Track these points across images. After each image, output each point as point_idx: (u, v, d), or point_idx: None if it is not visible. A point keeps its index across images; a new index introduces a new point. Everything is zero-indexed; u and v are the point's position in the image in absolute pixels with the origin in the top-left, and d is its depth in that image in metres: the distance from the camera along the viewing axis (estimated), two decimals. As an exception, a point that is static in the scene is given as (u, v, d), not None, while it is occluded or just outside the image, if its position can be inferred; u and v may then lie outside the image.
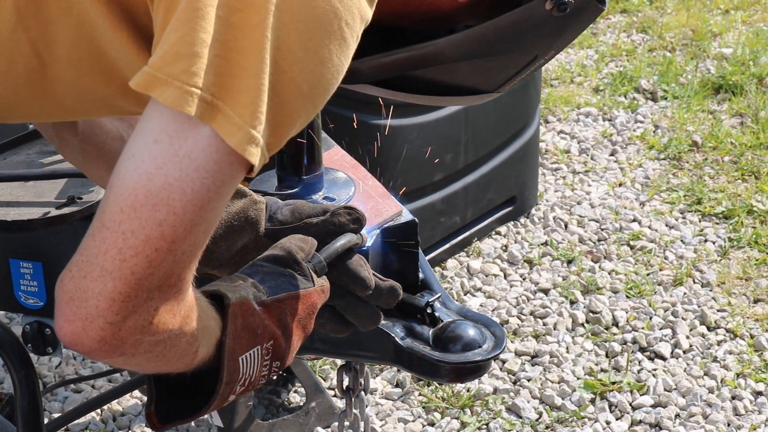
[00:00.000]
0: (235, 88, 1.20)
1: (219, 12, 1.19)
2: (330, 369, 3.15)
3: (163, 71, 1.19)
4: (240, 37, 1.20)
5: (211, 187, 1.21)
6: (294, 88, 1.24)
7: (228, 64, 1.20)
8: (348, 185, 1.89)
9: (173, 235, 1.20)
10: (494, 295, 3.50)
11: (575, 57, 5.11)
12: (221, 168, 1.21)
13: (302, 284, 1.48)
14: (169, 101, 1.18)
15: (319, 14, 1.23)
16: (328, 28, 1.25)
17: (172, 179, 1.19)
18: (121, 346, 1.21)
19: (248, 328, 1.40)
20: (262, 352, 1.42)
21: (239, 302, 1.39)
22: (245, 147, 1.21)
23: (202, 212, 1.22)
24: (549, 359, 3.23)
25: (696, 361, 3.22)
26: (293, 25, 1.22)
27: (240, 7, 1.20)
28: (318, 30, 1.24)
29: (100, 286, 1.18)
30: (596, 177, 4.16)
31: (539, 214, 3.91)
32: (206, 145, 1.20)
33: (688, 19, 5.42)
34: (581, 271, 3.59)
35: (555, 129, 4.49)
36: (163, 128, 1.19)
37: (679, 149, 4.28)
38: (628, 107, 4.65)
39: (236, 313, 1.38)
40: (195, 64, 1.18)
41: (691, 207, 3.95)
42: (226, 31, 1.20)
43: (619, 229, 3.82)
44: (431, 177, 3.48)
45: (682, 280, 3.55)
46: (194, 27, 1.19)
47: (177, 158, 1.19)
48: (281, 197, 1.86)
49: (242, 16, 1.20)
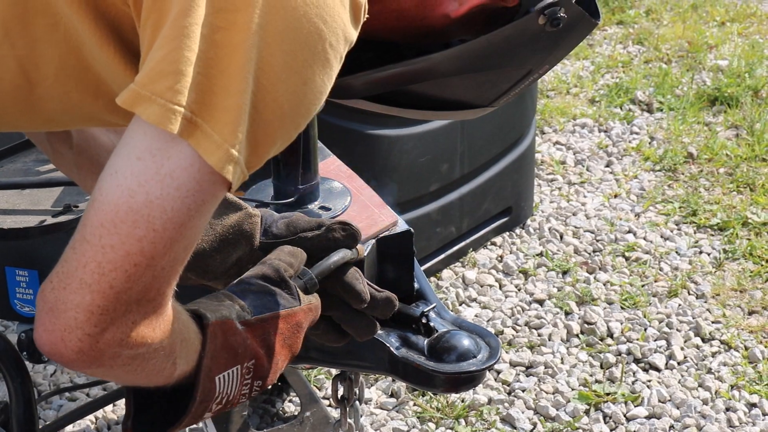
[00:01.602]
0: (216, 107, 1.21)
1: (203, 30, 1.20)
2: (325, 378, 3.15)
3: (148, 88, 1.19)
4: (222, 55, 1.21)
5: (192, 205, 1.22)
6: (276, 107, 1.25)
7: (210, 82, 1.21)
8: (344, 195, 1.89)
9: (153, 251, 1.21)
10: (489, 306, 3.50)
11: (571, 68, 5.11)
12: (202, 187, 1.22)
13: (288, 303, 1.48)
14: (152, 118, 1.19)
15: (304, 35, 1.24)
16: (312, 48, 1.25)
17: (153, 197, 1.20)
18: (99, 357, 1.23)
19: (228, 348, 1.40)
20: (243, 371, 1.43)
21: (219, 322, 1.39)
22: (224, 166, 1.22)
23: (182, 230, 1.23)
24: (544, 370, 3.23)
25: (690, 373, 3.23)
26: (277, 44, 1.22)
27: (223, 25, 1.20)
28: (302, 50, 1.24)
29: (79, 298, 1.20)
30: (592, 188, 4.17)
31: (535, 224, 3.91)
32: (188, 164, 1.21)
33: (684, 31, 5.44)
34: (576, 282, 3.59)
35: (551, 140, 4.49)
36: (147, 146, 1.20)
37: (675, 161, 4.29)
38: (624, 119, 4.65)
39: (216, 333, 1.39)
40: (179, 82, 1.19)
41: (686, 219, 3.96)
42: (209, 49, 1.20)
43: (615, 241, 3.83)
44: (427, 187, 3.48)
45: (676, 291, 3.56)
46: (179, 45, 1.19)
47: (159, 176, 1.20)
48: (277, 207, 1.86)
49: (225, 35, 1.20)
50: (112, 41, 1.29)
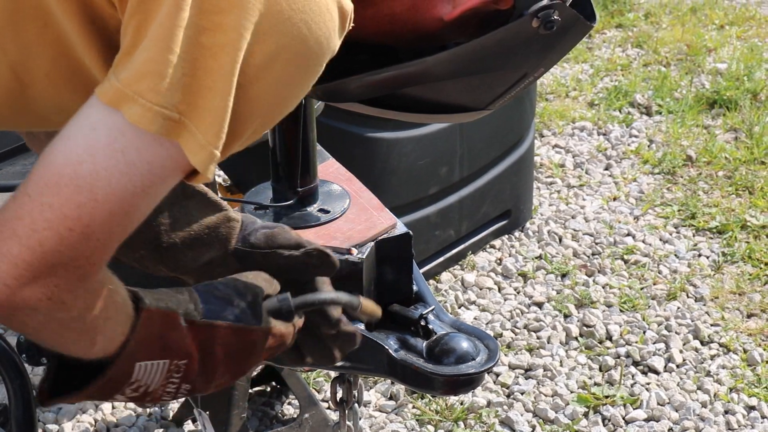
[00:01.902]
0: (204, 108, 1.22)
1: (188, 32, 1.20)
2: (324, 381, 3.16)
3: (131, 88, 1.20)
4: (208, 56, 1.21)
5: (139, 185, 1.23)
6: (253, 108, 1.26)
7: (197, 83, 1.21)
8: (343, 198, 1.90)
9: (89, 220, 1.22)
10: (488, 309, 3.50)
11: (570, 71, 5.12)
12: (154, 171, 1.23)
13: (246, 319, 1.47)
14: (133, 118, 1.20)
15: (287, 38, 1.24)
16: (294, 52, 1.26)
17: (100, 168, 1.21)
18: (12, 311, 1.23)
19: (161, 339, 1.39)
20: (171, 367, 1.41)
21: (159, 311, 1.39)
22: (207, 166, 1.23)
23: (124, 206, 1.23)
24: (543, 373, 3.23)
25: (689, 376, 3.23)
26: (260, 47, 1.23)
27: (209, 27, 1.21)
28: (283, 53, 1.25)
29: (6, 248, 1.21)
30: (591, 191, 4.17)
31: (534, 227, 3.91)
32: (143, 147, 1.21)
33: (683, 35, 5.44)
34: (575, 284, 3.60)
35: (550, 143, 4.49)
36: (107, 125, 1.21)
37: (674, 164, 4.29)
38: (623, 122, 4.66)
39: (151, 321, 1.38)
40: (161, 83, 1.20)
41: (685, 221, 3.96)
42: (195, 51, 1.21)
43: (613, 243, 3.83)
44: (426, 190, 3.48)
45: (675, 294, 3.56)
46: (165, 46, 1.20)
47: (111, 150, 1.21)
48: (276, 209, 1.86)
49: (211, 37, 1.21)
50: (98, 42, 1.29)
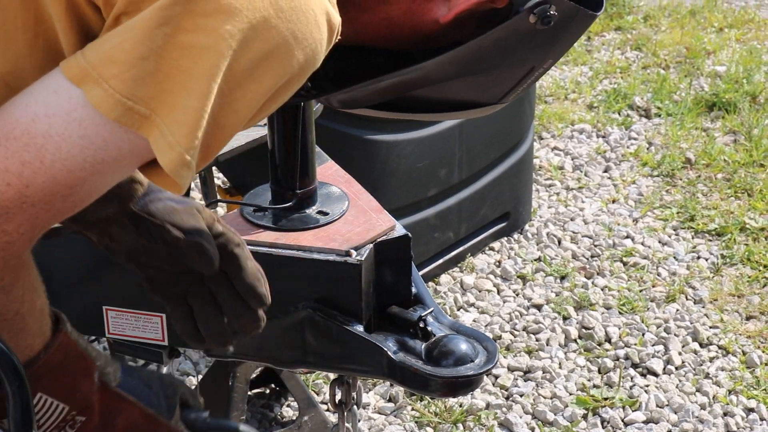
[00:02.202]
0: (174, 106, 1.20)
1: (167, 30, 1.19)
2: (323, 383, 3.16)
3: (97, 70, 1.19)
4: (186, 56, 1.20)
5: (89, 160, 1.21)
6: (234, 116, 1.24)
7: (170, 81, 1.20)
8: (341, 200, 1.90)
9: (29, 180, 1.20)
10: (487, 311, 3.51)
11: (569, 74, 5.12)
12: (109, 152, 1.22)
13: (159, 409, 1.44)
14: (94, 101, 1.19)
15: (273, 49, 1.23)
16: (277, 61, 1.24)
17: (54, 132, 1.20)
18: None
19: (71, 379, 1.36)
20: (67, 417, 1.38)
21: (76, 346, 1.35)
22: (177, 169, 1.21)
23: (70, 178, 1.22)
24: (541, 375, 3.23)
25: (688, 378, 3.23)
26: (245, 54, 1.22)
27: (190, 28, 1.19)
28: (267, 61, 1.23)
29: None
30: (590, 193, 4.17)
31: (533, 230, 3.92)
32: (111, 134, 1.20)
33: (682, 37, 5.44)
34: (574, 287, 3.60)
35: (549, 145, 4.50)
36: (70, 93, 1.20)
37: (673, 166, 4.29)
38: (622, 124, 4.66)
39: (67, 349, 1.35)
40: (126, 72, 1.19)
41: (684, 224, 3.96)
42: (171, 49, 1.19)
43: (613, 246, 3.83)
44: (425, 192, 3.48)
45: (674, 296, 3.56)
46: (139, 39, 1.19)
47: (68, 117, 1.20)
48: (276, 211, 1.86)
49: (191, 37, 1.20)
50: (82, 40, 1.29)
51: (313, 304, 1.75)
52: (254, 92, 1.24)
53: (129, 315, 1.83)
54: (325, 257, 1.74)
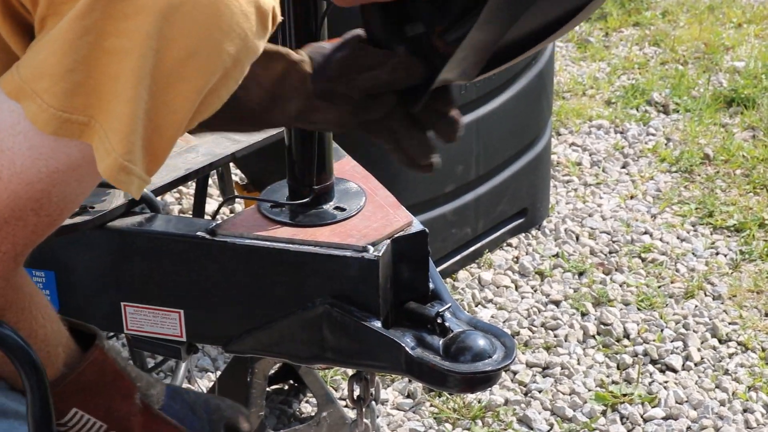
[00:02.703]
0: (109, 112, 1.21)
1: (90, 37, 1.19)
2: (341, 379, 3.16)
3: (30, 85, 1.20)
4: (113, 62, 1.20)
5: (44, 172, 1.23)
6: (172, 116, 1.24)
7: (101, 88, 1.20)
8: (359, 195, 1.90)
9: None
10: (505, 307, 3.50)
11: (587, 70, 5.11)
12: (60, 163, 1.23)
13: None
14: (31, 116, 1.20)
15: (197, 44, 1.22)
16: (207, 57, 1.23)
17: (4, 146, 1.22)
18: None
19: (106, 397, 1.37)
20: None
21: (113, 364, 1.37)
22: (115, 176, 1.22)
23: (31, 190, 1.24)
24: (560, 371, 3.23)
25: (707, 374, 3.22)
26: (170, 53, 1.21)
27: (113, 32, 1.19)
28: (195, 58, 1.23)
29: None
30: (608, 189, 4.17)
31: (550, 226, 3.91)
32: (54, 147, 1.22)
33: (701, 33, 5.42)
34: (592, 283, 3.59)
35: (567, 141, 4.49)
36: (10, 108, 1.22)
37: (691, 162, 4.28)
38: (640, 120, 4.65)
39: (104, 368, 1.36)
40: (56, 85, 1.19)
41: (703, 220, 3.95)
42: (98, 56, 1.20)
43: (631, 242, 3.82)
44: (442, 188, 3.48)
45: (693, 292, 3.55)
46: (65, 50, 1.19)
47: (13, 131, 1.21)
48: (293, 207, 1.86)
49: (115, 42, 1.19)
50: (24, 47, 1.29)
51: (331, 300, 1.74)
52: (188, 91, 1.24)
53: (147, 311, 1.83)
54: (343, 253, 1.74)
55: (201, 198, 2.50)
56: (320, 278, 1.75)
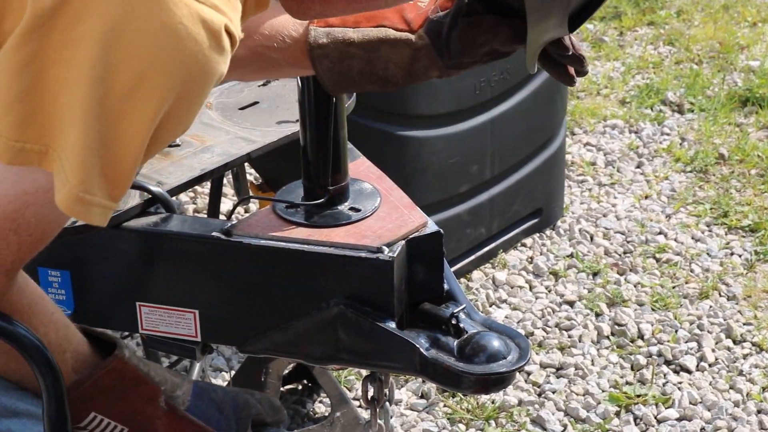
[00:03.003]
0: (64, 143, 1.20)
1: (33, 68, 1.18)
2: (355, 379, 3.16)
3: None
4: (62, 92, 1.19)
5: (11, 192, 1.24)
6: (129, 145, 1.22)
7: (54, 117, 1.19)
8: (374, 196, 1.90)
9: None
10: (519, 307, 3.50)
11: (602, 69, 5.10)
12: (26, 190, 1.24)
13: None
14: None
15: (144, 69, 1.20)
16: (159, 83, 1.21)
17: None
18: None
19: (127, 401, 1.37)
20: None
21: (135, 371, 1.37)
22: (72, 207, 1.22)
23: (4, 211, 1.25)
24: (574, 371, 3.22)
25: (722, 375, 3.21)
26: (118, 79, 1.19)
27: (56, 61, 1.18)
28: (146, 85, 1.20)
29: None
30: (622, 189, 4.16)
31: (565, 226, 3.90)
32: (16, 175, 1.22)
33: (716, 32, 5.41)
34: (607, 283, 3.59)
35: (581, 141, 4.48)
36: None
37: (706, 162, 4.27)
38: (655, 120, 4.64)
39: (124, 375, 1.36)
40: (7, 116, 1.19)
41: (718, 220, 3.94)
42: (47, 85, 1.18)
43: (645, 242, 3.81)
44: (457, 188, 3.48)
45: (707, 293, 3.55)
46: (6, 81, 1.18)
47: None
48: (307, 207, 1.86)
49: (60, 71, 1.18)
50: None
51: (345, 301, 1.74)
52: (141, 117, 1.21)
53: (162, 311, 1.83)
54: (357, 254, 1.74)
55: (216, 198, 2.51)
56: (335, 279, 1.75)
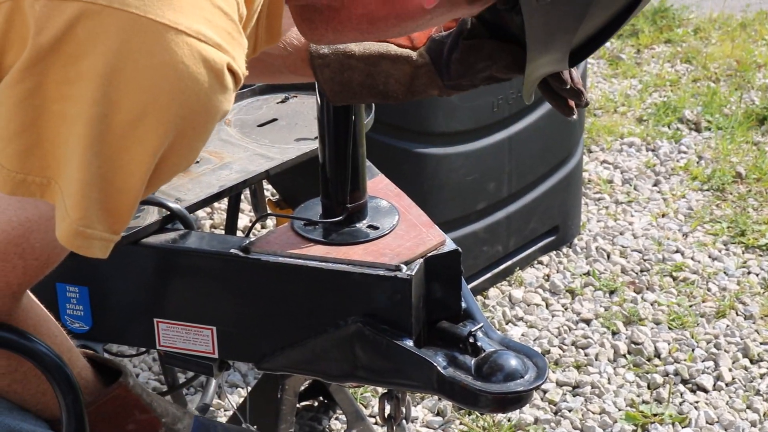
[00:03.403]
0: (66, 174, 1.22)
1: (34, 102, 1.20)
2: (371, 396, 3.16)
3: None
4: (63, 126, 1.20)
5: (14, 219, 1.26)
6: (131, 179, 1.24)
7: (56, 150, 1.21)
8: (392, 214, 1.90)
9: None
10: (536, 325, 3.49)
11: (619, 87, 5.10)
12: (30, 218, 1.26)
13: None
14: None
15: (142, 107, 1.21)
16: (156, 119, 1.22)
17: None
18: None
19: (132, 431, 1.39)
20: None
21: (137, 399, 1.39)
22: (72, 240, 1.24)
23: (7, 236, 1.26)
24: (590, 390, 3.22)
25: (738, 394, 3.20)
26: (118, 116, 1.21)
27: (57, 97, 1.20)
28: (147, 121, 1.22)
29: None
30: (639, 207, 4.15)
31: (582, 243, 3.90)
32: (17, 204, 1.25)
33: (733, 50, 5.41)
34: (623, 301, 3.58)
35: (598, 159, 4.48)
36: None
37: (723, 180, 4.26)
38: (672, 138, 4.63)
39: (126, 402, 1.37)
40: (8, 147, 1.21)
41: (735, 239, 3.93)
42: (49, 119, 1.21)
43: (662, 260, 3.81)
44: (474, 205, 3.48)
45: (724, 312, 3.54)
46: (7, 114, 1.20)
47: None
48: (325, 225, 1.86)
49: (62, 106, 1.20)
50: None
51: (363, 319, 1.75)
52: (141, 153, 1.23)
53: (179, 327, 1.84)
54: (376, 272, 1.74)
55: (233, 214, 2.51)
56: (353, 297, 1.75)
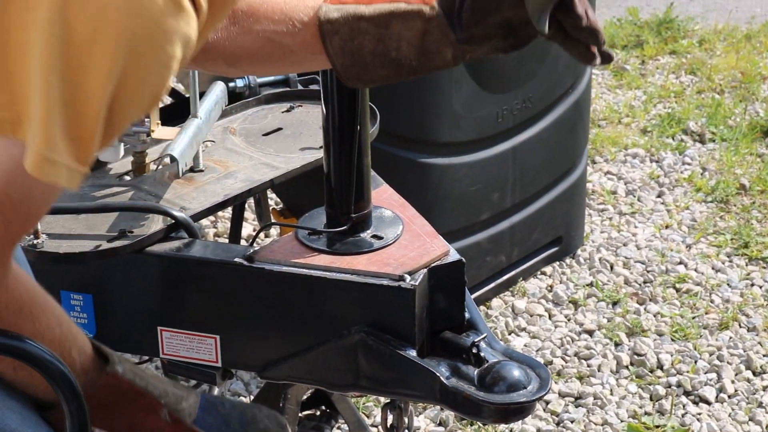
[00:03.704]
0: (29, 106, 1.22)
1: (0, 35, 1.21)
2: (373, 406, 3.16)
3: None
4: (23, 54, 1.21)
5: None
6: (87, 100, 1.24)
7: (19, 82, 1.22)
8: (396, 223, 1.90)
9: None
10: (539, 336, 3.49)
11: (623, 98, 5.10)
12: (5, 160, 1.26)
13: None
14: None
15: (100, 25, 1.22)
16: (110, 36, 1.23)
17: None
18: None
19: (128, 415, 1.38)
20: None
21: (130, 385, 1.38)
22: (40, 168, 1.23)
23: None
24: (593, 401, 3.22)
25: (741, 406, 3.20)
26: (75, 37, 1.21)
27: (18, 25, 1.21)
28: (99, 38, 1.22)
29: None
30: (643, 219, 4.15)
31: (585, 254, 3.90)
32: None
33: (738, 62, 5.41)
34: (626, 312, 3.58)
35: (602, 170, 4.48)
36: None
37: (727, 192, 4.26)
38: (676, 149, 4.63)
39: (119, 390, 1.37)
40: None
41: (738, 251, 3.93)
42: (9, 51, 1.21)
43: (665, 272, 3.81)
44: (478, 216, 3.48)
45: (728, 324, 3.53)
46: None
47: None
48: (329, 235, 1.87)
49: (22, 35, 1.21)
50: None
51: (367, 328, 1.75)
52: (98, 72, 1.23)
53: (183, 336, 1.84)
54: (379, 281, 1.75)
55: (237, 223, 2.52)
56: (356, 306, 1.76)
